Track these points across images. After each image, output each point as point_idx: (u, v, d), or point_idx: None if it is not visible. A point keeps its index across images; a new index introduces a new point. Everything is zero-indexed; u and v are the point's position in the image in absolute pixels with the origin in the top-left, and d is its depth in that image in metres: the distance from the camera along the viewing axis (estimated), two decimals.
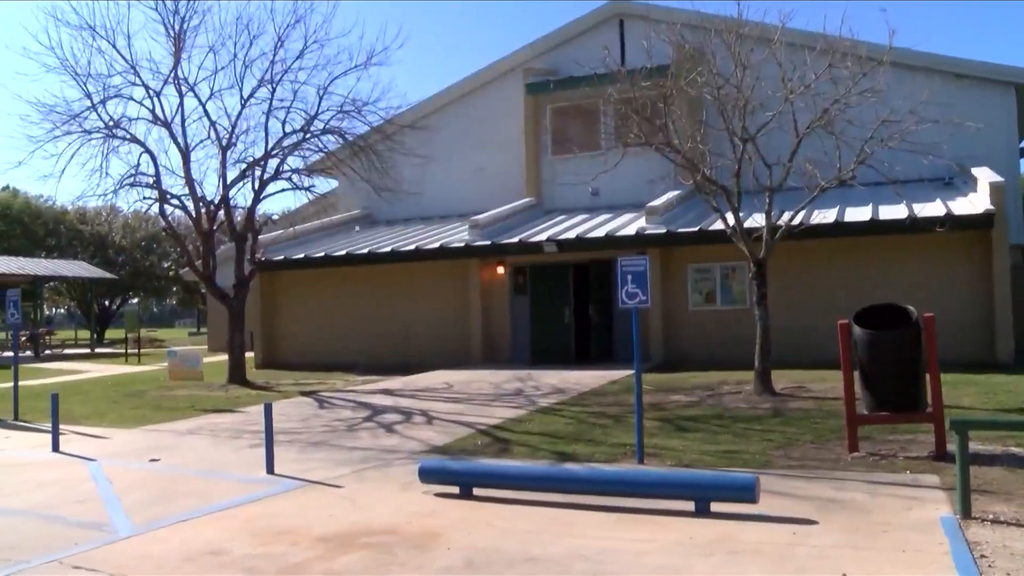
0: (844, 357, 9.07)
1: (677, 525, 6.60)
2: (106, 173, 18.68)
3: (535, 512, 7.18)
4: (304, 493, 8.25)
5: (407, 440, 10.98)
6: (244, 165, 19.48)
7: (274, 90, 19.11)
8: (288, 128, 19.27)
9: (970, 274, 17.08)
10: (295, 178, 19.81)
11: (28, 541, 6.80)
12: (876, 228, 16.86)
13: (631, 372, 10.99)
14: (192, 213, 19.50)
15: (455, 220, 24.40)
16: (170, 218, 21.26)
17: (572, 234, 19.84)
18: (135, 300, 58.40)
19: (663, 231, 18.64)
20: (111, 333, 52.25)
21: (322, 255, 22.05)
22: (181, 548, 6.47)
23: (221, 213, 19.65)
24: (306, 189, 20.26)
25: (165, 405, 15.48)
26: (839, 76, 13.39)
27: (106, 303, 54.51)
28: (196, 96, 19.19)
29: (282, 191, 21.12)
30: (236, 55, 19.13)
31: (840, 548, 5.88)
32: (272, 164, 19.39)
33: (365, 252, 21.55)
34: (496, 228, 21.49)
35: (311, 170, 20.59)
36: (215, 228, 19.99)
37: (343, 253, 21.82)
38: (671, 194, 20.01)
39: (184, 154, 18.93)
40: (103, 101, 18.38)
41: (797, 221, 13.99)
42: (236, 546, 6.45)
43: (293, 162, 19.79)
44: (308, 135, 19.29)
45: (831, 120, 13.23)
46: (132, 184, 18.73)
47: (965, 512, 6.48)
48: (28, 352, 31.17)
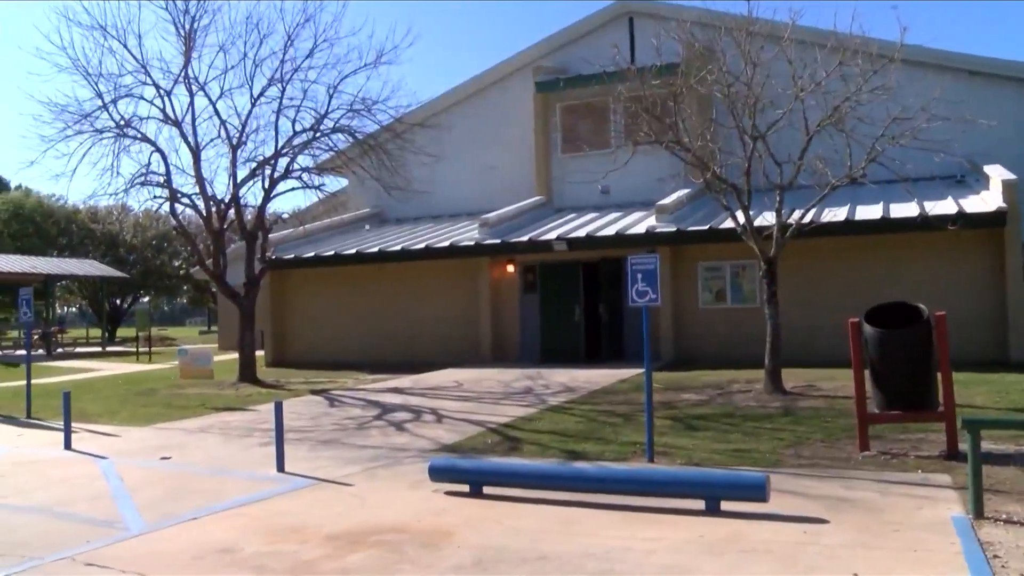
0: (855, 356, 9.03)
1: (687, 524, 6.59)
2: (117, 172, 18.84)
3: (545, 510, 7.18)
4: (314, 491, 8.27)
5: (417, 438, 10.99)
6: (254, 164, 19.57)
7: (284, 89, 19.21)
8: (298, 127, 19.35)
9: (982, 272, 16.99)
10: (305, 177, 19.90)
11: (42, 538, 6.84)
12: (887, 226, 16.77)
13: (641, 370, 10.99)
14: (203, 212, 19.56)
15: (465, 219, 24.40)
16: (181, 217, 21.32)
17: (582, 232, 19.82)
18: (146, 299, 58.62)
19: (673, 229, 18.60)
20: (122, 332, 52.56)
21: (332, 254, 22.09)
22: (192, 546, 6.49)
23: (231, 212, 19.74)
24: (316, 188, 20.36)
25: (176, 403, 15.54)
26: (850, 74, 13.34)
27: (117, 302, 54.76)
28: (206, 95, 19.30)
29: (292, 190, 21.18)
30: (246, 54, 19.25)
31: (851, 548, 5.86)
32: (282, 163, 19.49)
33: (375, 251, 21.58)
34: (506, 227, 21.48)
35: (321, 169, 20.62)
36: (225, 227, 20.07)
37: (353, 252, 21.86)
38: (681, 192, 19.96)
39: (194, 153, 19.02)
40: (114, 100, 18.51)
41: (808, 219, 13.94)
42: (246, 544, 6.48)
43: (303, 161, 19.87)
44: (318, 134, 19.33)
45: (842, 118, 13.18)
46: (143, 183, 18.85)
47: (977, 512, 6.44)
48: (40, 350, 31.32)
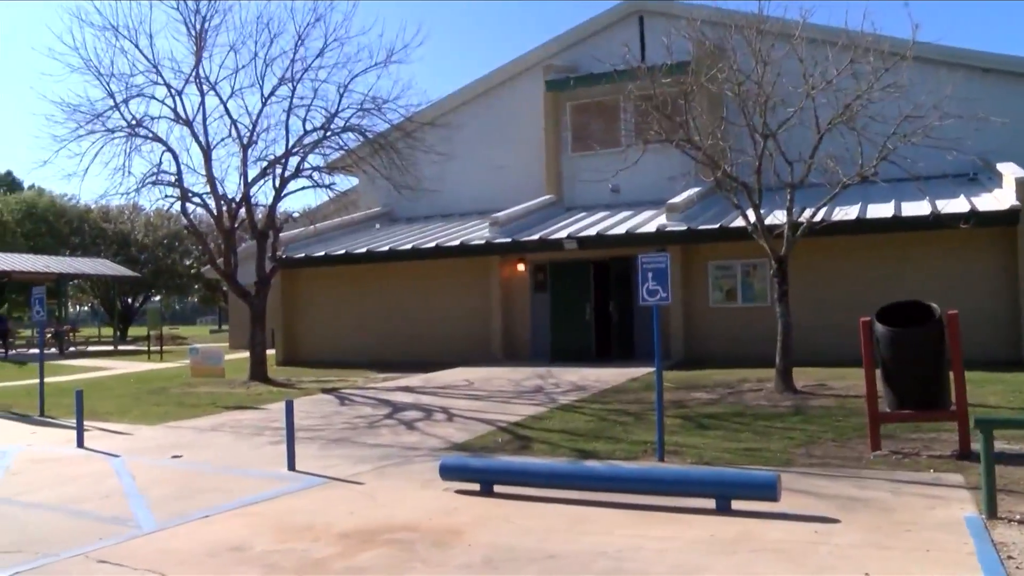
0: (866, 354, 9.00)
1: (698, 523, 6.58)
2: (129, 172, 18.95)
3: (555, 509, 7.17)
4: (325, 490, 8.29)
5: (428, 437, 11.01)
6: (265, 163, 19.62)
7: (294, 88, 19.25)
8: (309, 126, 19.40)
9: (995, 271, 16.91)
10: (316, 176, 19.95)
11: (55, 535, 6.88)
12: (899, 225, 16.70)
13: (652, 369, 10.96)
14: (214, 211, 19.62)
15: (475, 217, 24.38)
16: (192, 216, 21.40)
17: (592, 231, 19.80)
18: (157, 298, 58.87)
19: (684, 228, 18.56)
20: (134, 330, 52.79)
21: (343, 252, 22.14)
22: (203, 543, 6.52)
23: (242, 211, 19.79)
24: (327, 187, 20.39)
25: (187, 402, 15.60)
26: (861, 71, 13.29)
27: (129, 301, 55.02)
28: (217, 95, 19.35)
29: (303, 189, 21.24)
30: (257, 54, 19.31)
31: (863, 547, 5.84)
32: (293, 162, 19.53)
33: (385, 250, 21.61)
34: (516, 225, 21.48)
35: (332, 168, 20.65)
36: (236, 226, 20.11)
37: (363, 251, 21.90)
38: (691, 191, 19.92)
39: (205, 152, 19.09)
40: (126, 100, 18.60)
41: (818, 218, 13.90)
42: (258, 542, 6.50)
43: (314, 160, 19.90)
44: (328, 133, 19.37)
45: (853, 116, 13.12)
46: (154, 182, 18.94)
47: (991, 512, 6.41)
48: (53, 349, 31.50)
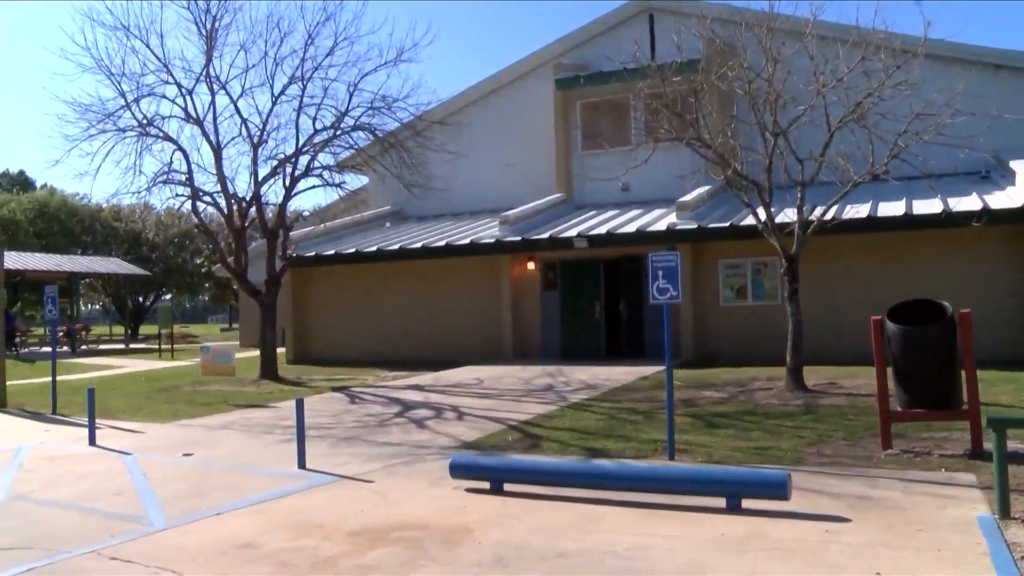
0: (877, 353, 8.96)
1: (708, 522, 6.57)
2: (140, 171, 19.07)
3: (565, 508, 7.18)
4: (335, 488, 8.31)
5: (438, 435, 11.02)
6: (275, 162, 19.66)
7: (305, 87, 19.28)
8: (319, 125, 19.42)
9: (1008, 269, 16.82)
10: (326, 175, 19.97)
11: (67, 532, 6.92)
12: (910, 223, 16.61)
13: (662, 368, 10.95)
14: (224, 210, 19.67)
15: (485, 216, 24.39)
16: (202, 215, 21.44)
17: (602, 230, 19.78)
18: (168, 296, 59.08)
19: (694, 226, 18.52)
20: (145, 329, 53.00)
21: (353, 251, 22.17)
22: (215, 541, 6.55)
23: (253, 210, 19.83)
24: (337, 186, 20.42)
25: (198, 400, 15.66)
26: (872, 69, 13.23)
27: (140, 299, 55.28)
28: (228, 94, 19.40)
29: (313, 188, 21.39)
30: (267, 53, 19.33)
31: (874, 547, 5.82)
32: (303, 161, 19.56)
33: (396, 248, 21.64)
34: (526, 224, 21.48)
35: (342, 166, 20.70)
36: (247, 225, 20.17)
37: (374, 249, 21.93)
38: (702, 189, 19.88)
39: (216, 151, 19.15)
40: (137, 100, 18.66)
41: (829, 216, 13.84)
42: (269, 540, 6.52)
43: (324, 159, 19.93)
44: (339, 132, 19.39)
45: (864, 114, 13.06)
46: (165, 181, 18.99)
47: (1003, 512, 6.38)
48: (65, 348, 31.67)
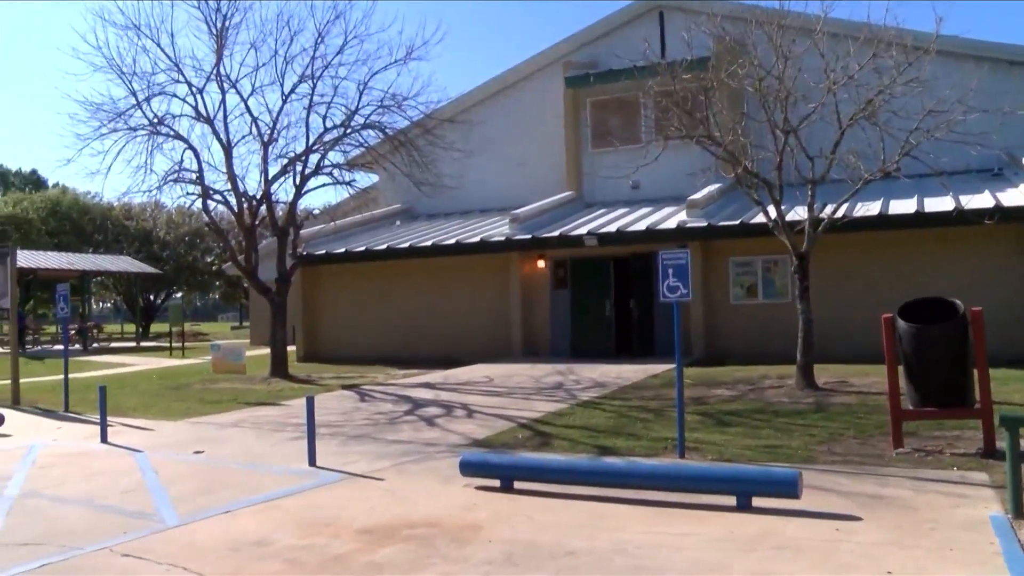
0: (888, 351, 8.93)
1: (718, 520, 6.56)
2: (151, 169, 19.08)
3: (576, 506, 7.17)
4: (345, 486, 8.33)
5: (448, 433, 11.04)
6: (285, 160, 19.72)
7: (315, 86, 19.33)
8: (329, 123, 19.47)
9: (1020, 267, 16.71)
10: (336, 173, 20.02)
11: (80, 528, 6.96)
12: (921, 220, 16.54)
13: (672, 366, 10.94)
14: (234, 208, 19.74)
15: (495, 214, 24.41)
16: (213, 213, 21.58)
17: (613, 228, 19.75)
18: (179, 294, 59.25)
19: (704, 224, 18.47)
20: (156, 327, 53.18)
21: (363, 249, 22.21)
22: (225, 538, 6.57)
23: (263, 208, 19.88)
24: (347, 184, 20.46)
25: (209, 398, 15.71)
26: (883, 66, 13.17)
27: (151, 297, 55.49)
28: (238, 92, 19.46)
29: (323, 186, 21.48)
30: (277, 51, 19.39)
31: (885, 546, 5.79)
32: (313, 159, 19.62)
33: (406, 246, 21.66)
34: (536, 222, 21.47)
35: (352, 165, 20.72)
36: (257, 223, 20.23)
37: (384, 247, 21.96)
38: (712, 187, 19.83)
39: (226, 150, 19.19)
40: (148, 99, 18.72)
41: (840, 214, 13.80)
42: (279, 537, 6.54)
43: (334, 157, 19.98)
44: (349, 130, 19.42)
45: (875, 111, 13.01)
46: (176, 180, 19.05)
47: (1016, 511, 6.34)
48: (77, 345, 31.82)
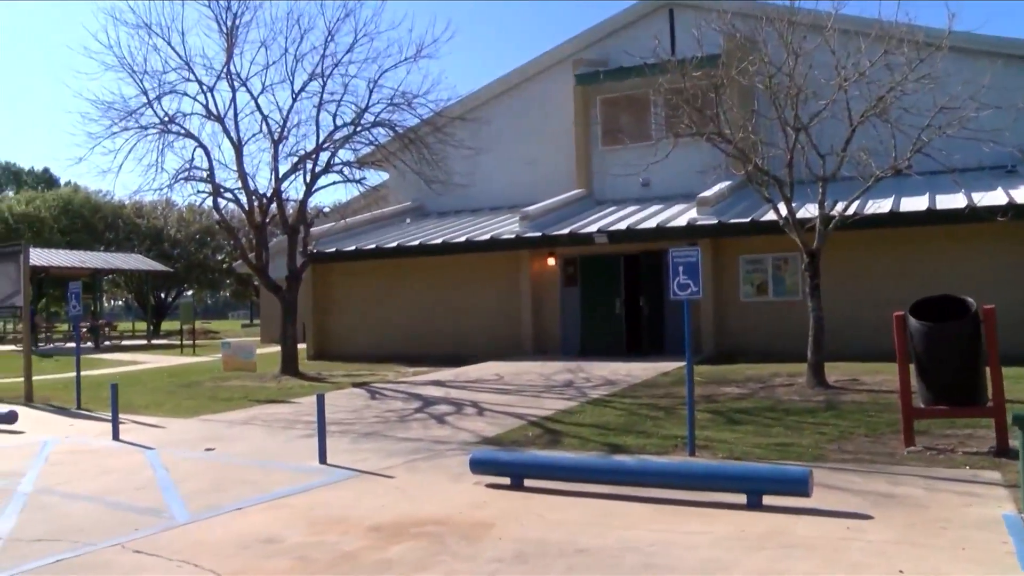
0: (900, 349, 8.89)
1: (728, 518, 6.54)
2: (161, 168, 19.21)
3: (586, 504, 7.17)
4: (356, 483, 8.35)
5: (458, 431, 11.04)
6: (296, 158, 19.76)
7: (325, 84, 19.37)
8: (339, 121, 19.51)
9: None
10: (346, 171, 20.08)
11: (92, 525, 6.99)
12: (933, 218, 16.46)
13: (682, 364, 10.92)
14: (245, 206, 19.80)
15: (505, 212, 24.41)
16: (223, 211, 21.64)
17: (623, 225, 19.72)
18: (190, 292, 59.52)
19: (714, 222, 18.44)
20: (167, 325, 53.43)
21: (373, 247, 22.24)
22: (236, 535, 6.59)
23: (273, 206, 19.93)
24: (357, 182, 20.50)
25: (219, 395, 15.76)
26: (895, 63, 13.10)
27: (162, 295, 55.72)
28: (248, 91, 19.54)
29: (333, 184, 21.59)
30: (287, 50, 19.44)
31: (896, 545, 5.77)
32: (323, 157, 19.65)
33: (416, 244, 21.68)
34: (546, 220, 21.45)
35: (362, 163, 20.76)
36: (268, 221, 20.27)
37: (394, 245, 21.98)
38: (722, 185, 19.78)
39: (237, 148, 19.26)
40: (158, 97, 18.80)
41: (851, 211, 13.74)
42: (290, 534, 6.56)
43: (344, 155, 20.03)
44: (359, 128, 19.46)
45: (886, 108, 12.96)
46: (186, 178, 19.13)
47: None
48: (89, 343, 31.97)
